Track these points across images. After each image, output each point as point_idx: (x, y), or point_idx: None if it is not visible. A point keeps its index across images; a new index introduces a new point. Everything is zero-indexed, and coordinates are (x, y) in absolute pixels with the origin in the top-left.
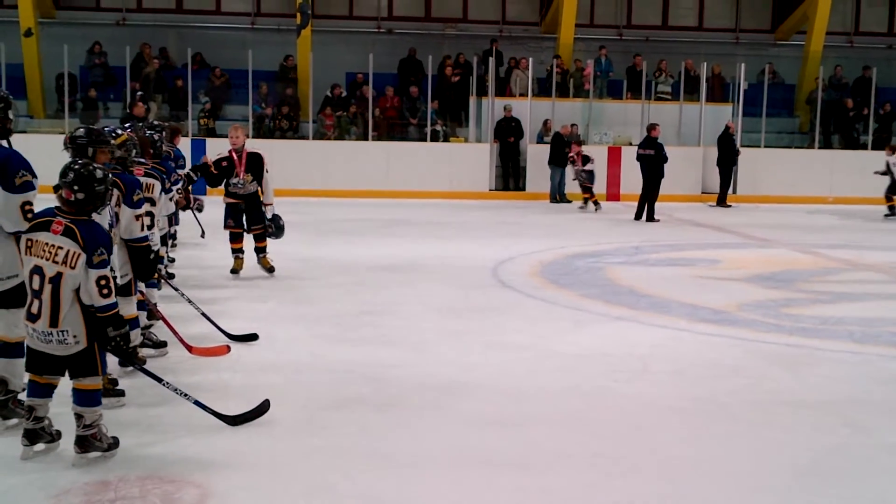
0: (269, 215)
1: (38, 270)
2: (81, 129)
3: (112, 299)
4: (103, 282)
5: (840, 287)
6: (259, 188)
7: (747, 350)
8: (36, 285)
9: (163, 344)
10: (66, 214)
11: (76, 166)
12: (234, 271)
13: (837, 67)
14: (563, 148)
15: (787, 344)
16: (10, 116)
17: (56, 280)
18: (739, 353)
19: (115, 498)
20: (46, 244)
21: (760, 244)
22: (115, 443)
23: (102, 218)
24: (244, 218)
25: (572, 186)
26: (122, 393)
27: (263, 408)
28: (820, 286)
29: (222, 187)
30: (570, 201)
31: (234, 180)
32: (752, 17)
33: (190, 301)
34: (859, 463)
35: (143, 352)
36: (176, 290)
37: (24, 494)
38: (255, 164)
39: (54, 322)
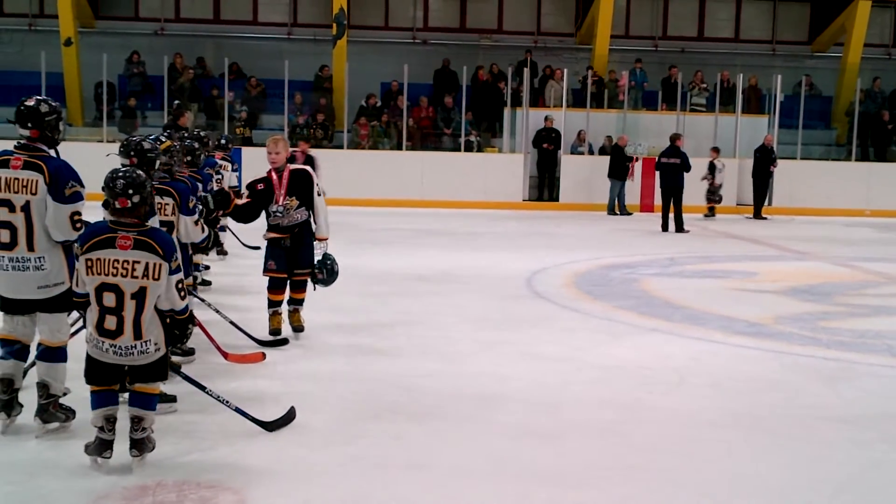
0: (318, 254)
1: (111, 288)
2: (146, 143)
3: (187, 300)
4: (180, 285)
5: (878, 301)
6: (310, 216)
7: (784, 364)
8: (110, 302)
9: (191, 351)
10: (129, 227)
11: (122, 174)
12: (276, 332)
13: (876, 80)
14: (622, 160)
15: (824, 358)
16: (60, 127)
17: (140, 294)
18: (776, 367)
19: (153, 502)
20: (117, 261)
21: (797, 257)
22: (154, 444)
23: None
24: (291, 257)
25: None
26: (173, 399)
27: (291, 414)
28: (857, 300)
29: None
30: (630, 213)
31: (274, 207)
32: (789, 29)
33: (217, 310)
34: None
35: (172, 359)
36: (202, 300)
37: (64, 498)
38: (302, 185)
39: (138, 335)
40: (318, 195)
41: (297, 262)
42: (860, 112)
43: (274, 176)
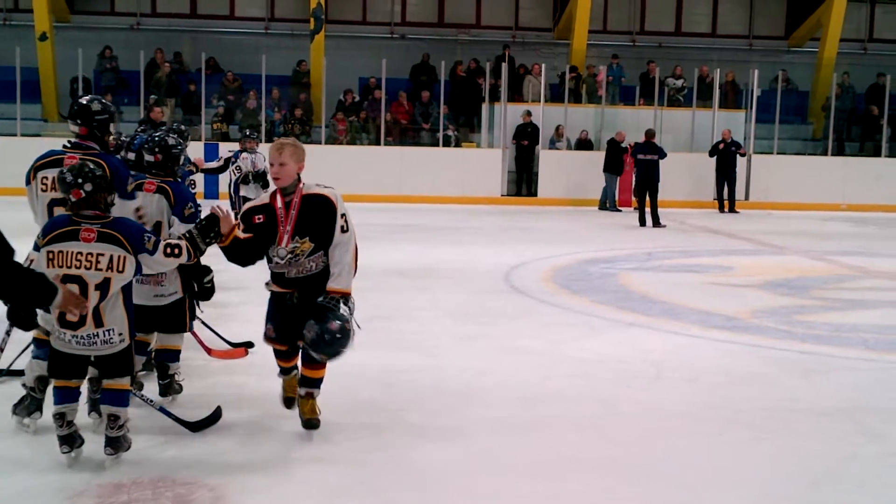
0: (344, 312)
1: (74, 280)
2: (171, 139)
3: (186, 253)
4: (169, 250)
5: (853, 294)
6: (325, 262)
7: (761, 357)
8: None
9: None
10: (92, 220)
11: (69, 168)
12: (290, 402)
13: (845, 75)
14: (618, 154)
15: (800, 351)
16: (111, 129)
17: (104, 285)
18: (753, 360)
19: (128, 500)
20: (80, 253)
21: (773, 251)
22: (130, 444)
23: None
24: (298, 321)
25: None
26: (179, 389)
27: (217, 414)
28: (833, 293)
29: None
30: (620, 210)
31: (277, 251)
32: (766, 24)
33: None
34: (874, 471)
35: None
36: None
37: (40, 496)
38: (318, 219)
39: (100, 323)
40: (344, 231)
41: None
42: (838, 107)
43: (278, 203)
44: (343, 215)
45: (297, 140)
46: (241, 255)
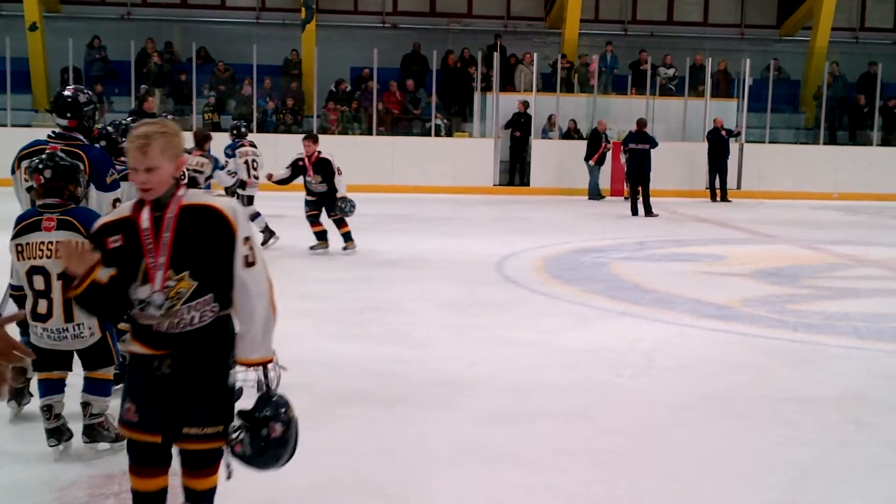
0: (279, 401)
1: (39, 271)
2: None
3: None
4: None
5: (844, 283)
6: (215, 311)
7: (752, 346)
8: (40, 286)
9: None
10: (53, 209)
11: (41, 154)
12: None
13: (833, 64)
14: (599, 144)
15: (791, 340)
16: (96, 117)
17: (65, 275)
18: (744, 349)
19: (119, 491)
20: (43, 243)
21: (765, 240)
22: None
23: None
24: (173, 401)
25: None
26: None
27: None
28: (824, 282)
29: None
30: (602, 197)
31: (143, 294)
32: (758, 13)
33: None
34: (864, 460)
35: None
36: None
37: (30, 488)
38: (205, 242)
39: (69, 317)
40: (250, 264)
41: (188, 413)
42: (830, 96)
43: (144, 219)
44: (247, 239)
45: (167, 122)
46: (101, 303)
